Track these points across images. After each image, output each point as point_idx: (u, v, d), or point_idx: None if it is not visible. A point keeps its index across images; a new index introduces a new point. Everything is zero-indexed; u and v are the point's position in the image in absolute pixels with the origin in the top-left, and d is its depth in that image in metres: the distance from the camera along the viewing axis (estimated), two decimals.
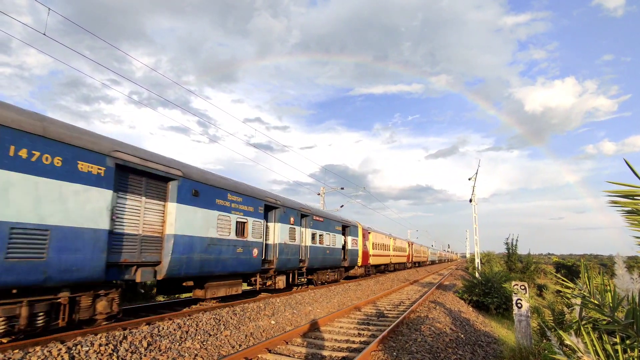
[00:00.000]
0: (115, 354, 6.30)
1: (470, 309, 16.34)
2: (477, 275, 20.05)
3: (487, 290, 17.26)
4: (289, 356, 7.09)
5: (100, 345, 6.40)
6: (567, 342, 2.50)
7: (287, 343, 7.98)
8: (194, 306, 11.47)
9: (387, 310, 13.40)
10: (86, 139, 7.36)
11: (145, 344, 6.88)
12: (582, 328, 2.70)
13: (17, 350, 5.86)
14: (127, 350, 6.49)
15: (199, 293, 10.96)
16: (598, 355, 2.31)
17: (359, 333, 9.34)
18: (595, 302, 2.42)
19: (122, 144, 8.34)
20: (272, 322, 10.04)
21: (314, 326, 9.49)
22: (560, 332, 2.63)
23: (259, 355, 6.96)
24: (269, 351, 7.26)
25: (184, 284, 10.94)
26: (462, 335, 9.90)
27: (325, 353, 7.40)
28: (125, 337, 6.92)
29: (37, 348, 5.97)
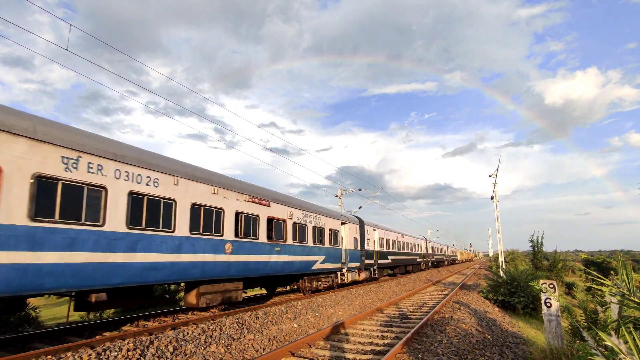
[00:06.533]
0: (142, 358, 6.41)
1: (496, 309, 15.91)
2: (501, 274, 19.53)
3: (512, 289, 16.77)
4: (312, 359, 7.06)
5: (128, 350, 6.54)
6: (607, 342, 2.37)
7: (310, 346, 7.95)
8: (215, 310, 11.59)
9: (410, 311, 13.19)
10: None
11: (171, 348, 6.99)
12: (622, 328, 2.56)
13: (50, 356, 6.05)
14: (154, 355, 6.60)
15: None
16: None
17: (382, 335, 9.22)
18: (637, 300, 2.29)
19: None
20: (295, 325, 10.03)
21: (337, 329, 9.43)
22: (600, 332, 2.50)
23: (283, 359, 6.96)
24: (293, 354, 7.25)
25: None
26: (489, 336, 9.64)
27: (349, 356, 7.33)
28: (151, 342, 7.05)
29: (69, 354, 6.14)
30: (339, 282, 18.40)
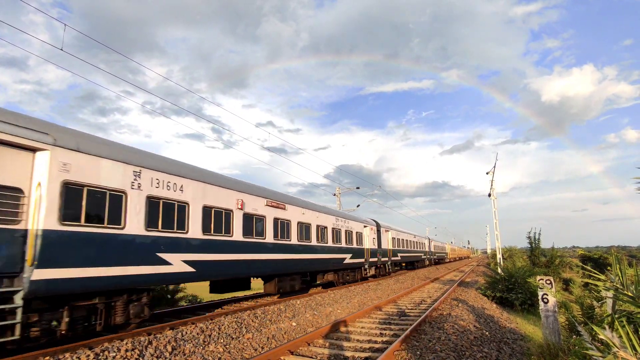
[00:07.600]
0: (141, 358, 6.41)
1: (494, 305, 15.97)
2: (499, 270, 19.63)
3: (510, 286, 16.84)
4: (311, 357, 7.08)
5: (126, 350, 6.54)
6: (601, 337, 2.40)
7: (309, 344, 7.97)
8: (216, 309, 11.59)
9: (409, 309, 13.24)
10: None
11: (169, 348, 6.99)
12: (616, 322, 2.58)
13: (47, 357, 6.04)
14: (152, 355, 6.60)
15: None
16: (635, 349, 2.21)
17: (380, 333, 9.25)
18: (630, 294, 2.31)
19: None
20: (293, 324, 10.05)
21: (335, 327, 9.45)
22: (594, 326, 2.53)
23: (282, 358, 6.97)
24: (292, 353, 7.27)
25: None
26: (487, 333, 9.69)
27: (348, 354, 7.35)
28: (150, 342, 7.05)
29: (67, 354, 6.14)
30: None
